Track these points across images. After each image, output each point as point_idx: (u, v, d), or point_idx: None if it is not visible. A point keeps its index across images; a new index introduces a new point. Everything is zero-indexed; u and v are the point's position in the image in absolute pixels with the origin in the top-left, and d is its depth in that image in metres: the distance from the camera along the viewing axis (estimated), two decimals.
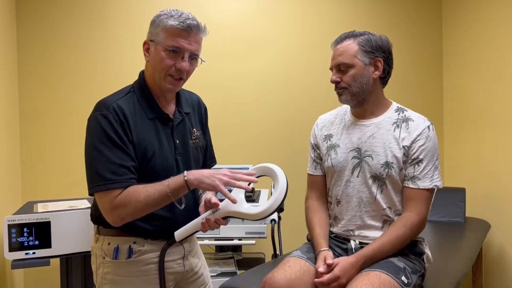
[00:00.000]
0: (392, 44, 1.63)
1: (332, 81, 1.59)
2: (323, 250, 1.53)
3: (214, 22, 2.88)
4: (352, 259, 1.45)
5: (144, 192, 1.25)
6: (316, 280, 1.43)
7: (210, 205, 1.36)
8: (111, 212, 1.27)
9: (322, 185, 1.73)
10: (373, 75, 1.56)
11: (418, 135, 1.52)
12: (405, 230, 1.48)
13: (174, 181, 1.27)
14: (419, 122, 1.54)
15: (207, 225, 1.33)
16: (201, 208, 1.40)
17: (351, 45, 1.55)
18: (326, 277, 1.41)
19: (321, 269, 1.44)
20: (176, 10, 1.35)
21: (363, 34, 1.57)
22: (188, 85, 1.46)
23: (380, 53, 1.56)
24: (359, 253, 1.47)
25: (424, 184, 1.51)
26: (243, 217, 1.34)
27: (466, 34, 2.92)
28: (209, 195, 1.40)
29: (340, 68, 1.56)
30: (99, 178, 1.26)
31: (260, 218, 1.31)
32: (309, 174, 1.77)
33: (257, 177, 1.36)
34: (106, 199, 1.26)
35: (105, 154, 1.26)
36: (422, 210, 1.51)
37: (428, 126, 1.54)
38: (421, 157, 1.51)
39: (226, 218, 1.35)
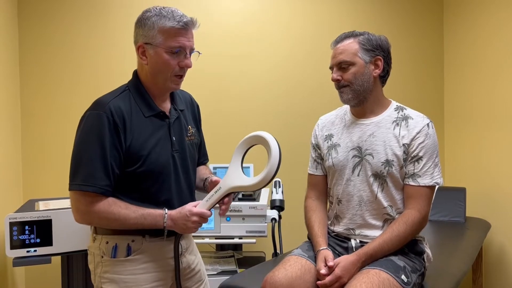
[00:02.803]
0: (393, 44, 1.64)
1: (333, 80, 1.60)
2: (322, 249, 1.53)
3: (215, 21, 2.89)
4: (353, 257, 1.46)
5: (124, 215, 1.29)
6: (319, 282, 1.45)
7: (212, 185, 1.43)
8: (83, 214, 1.30)
9: (322, 185, 1.74)
10: (373, 73, 1.57)
11: (418, 133, 1.52)
12: (406, 227, 1.48)
13: (153, 219, 1.32)
14: (418, 120, 1.55)
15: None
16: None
17: (351, 44, 1.56)
18: (327, 279, 1.42)
19: (323, 271, 1.44)
20: (164, 8, 1.34)
21: (362, 34, 1.58)
22: (186, 84, 1.46)
23: (380, 52, 1.57)
24: (360, 251, 1.48)
25: (424, 181, 1.51)
26: (244, 190, 1.37)
27: (467, 34, 2.91)
28: (211, 178, 1.49)
29: (341, 66, 1.57)
30: (77, 178, 1.28)
31: (260, 187, 1.33)
32: (309, 174, 1.78)
33: (250, 147, 1.39)
34: (81, 200, 1.29)
35: (89, 156, 1.28)
36: (423, 207, 1.51)
37: (428, 124, 1.55)
38: (420, 154, 1.52)
39: (230, 196, 1.39)
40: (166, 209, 1.34)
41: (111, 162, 1.29)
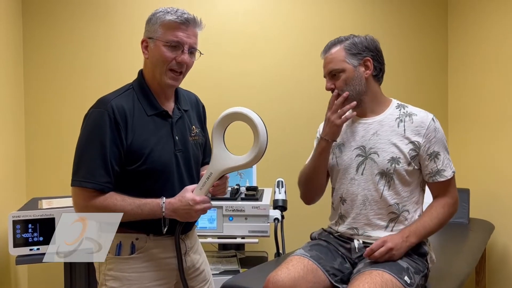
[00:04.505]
0: (396, 45, 1.64)
1: (327, 89, 1.63)
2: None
3: (217, 20, 2.89)
4: (397, 234, 1.51)
5: (120, 208, 1.30)
6: (368, 249, 1.48)
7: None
8: (82, 208, 1.32)
9: None
10: (364, 75, 1.58)
11: (427, 130, 1.54)
12: (444, 210, 1.56)
13: (150, 209, 1.32)
14: (422, 115, 1.57)
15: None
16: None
17: (338, 51, 1.59)
18: (380, 251, 1.45)
19: (374, 246, 1.48)
20: (172, 7, 1.37)
21: (348, 38, 1.60)
22: (188, 84, 1.46)
23: (368, 53, 1.59)
24: (402, 230, 1.53)
25: (448, 173, 1.57)
26: (237, 170, 1.36)
27: (472, 35, 2.90)
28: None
29: (332, 74, 1.60)
30: (78, 174, 1.30)
31: (252, 165, 1.34)
32: None
33: (228, 125, 1.37)
34: (80, 195, 1.31)
35: (89, 153, 1.29)
36: (454, 194, 1.60)
37: (432, 119, 1.57)
38: (436, 149, 1.55)
39: (223, 177, 1.38)
40: (164, 198, 1.33)
41: (111, 160, 1.30)
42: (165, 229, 1.36)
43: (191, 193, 1.34)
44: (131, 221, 1.34)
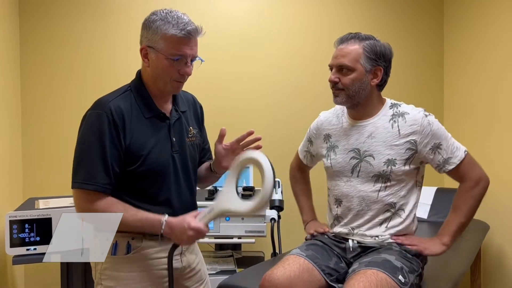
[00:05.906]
0: (392, 42, 1.64)
1: (331, 80, 1.59)
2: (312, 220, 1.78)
3: (216, 23, 2.90)
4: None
5: (122, 219, 1.30)
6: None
7: (218, 165, 1.51)
8: (84, 211, 1.32)
9: (305, 168, 1.92)
10: (371, 82, 1.57)
11: (421, 127, 1.53)
12: (464, 197, 1.56)
13: (151, 225, 1.32)
14: (414, 113, 1.56)
15: None
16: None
17: (356, 49, 1.54)
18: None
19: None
20: (171, 13, 1.33)
21: (368, 38, 1.56)
22: (187, 85, 1.47)
23: (382, 62, 1.56)
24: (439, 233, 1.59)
25: (458, 156, 1.54)
26: (236, 214, 1.35)
27: (468, 35, 2.92)
28: (219, 147, 1.48)
29: (340, 69, 1.57)
30: (78, 176, 1.30)
31: (253, 212, 1.32)
32: (298, 155, 1.92)
33: (243, 167, 1.38)
34: (81, 198, 1.31)
35: (89, 155, 1.29)
36: (471, 173, 1.55)
37: (424, 114, 1.55)
38: (437, 141, 1.53)
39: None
40: (166, 215, 1.33)
41: (111, 161, 1.30)
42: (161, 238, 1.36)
43: (192, 217, 1.32)
44: None
